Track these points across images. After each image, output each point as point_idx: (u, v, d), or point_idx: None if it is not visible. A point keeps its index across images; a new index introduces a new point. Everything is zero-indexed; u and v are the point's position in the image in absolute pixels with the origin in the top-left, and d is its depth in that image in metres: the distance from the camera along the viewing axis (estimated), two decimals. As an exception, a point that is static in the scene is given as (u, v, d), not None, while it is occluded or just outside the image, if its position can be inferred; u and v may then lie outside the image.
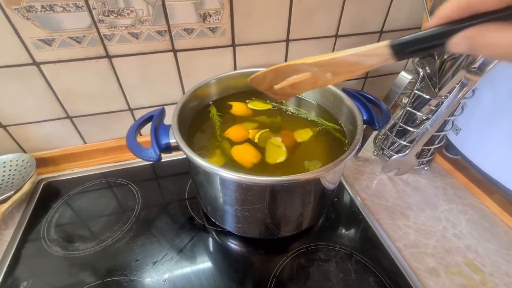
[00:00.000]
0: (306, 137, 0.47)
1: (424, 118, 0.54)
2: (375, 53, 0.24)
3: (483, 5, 0.13)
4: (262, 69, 0.29)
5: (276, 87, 0.28)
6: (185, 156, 0.38)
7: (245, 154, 0.43)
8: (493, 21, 0.13)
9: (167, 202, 0.54)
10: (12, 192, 0.50)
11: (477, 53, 0.15)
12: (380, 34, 0.63)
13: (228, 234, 0.48)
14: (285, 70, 0.26)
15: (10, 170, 0.54)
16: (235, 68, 0.59)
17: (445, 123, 0.55)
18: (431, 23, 0.18)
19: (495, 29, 0.13)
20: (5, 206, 0.49)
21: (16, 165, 0.55)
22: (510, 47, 0.12)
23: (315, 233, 0.49)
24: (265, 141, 0.46)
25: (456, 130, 0.57)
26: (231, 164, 0.42)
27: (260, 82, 0.29)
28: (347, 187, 0.57)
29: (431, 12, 0.46)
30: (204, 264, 0.45)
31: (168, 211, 0.52)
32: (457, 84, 0.43)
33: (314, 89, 0.38)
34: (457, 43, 0.16)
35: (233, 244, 0.48)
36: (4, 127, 0.53)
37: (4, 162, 0.55)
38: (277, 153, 0.44)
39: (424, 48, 0.21)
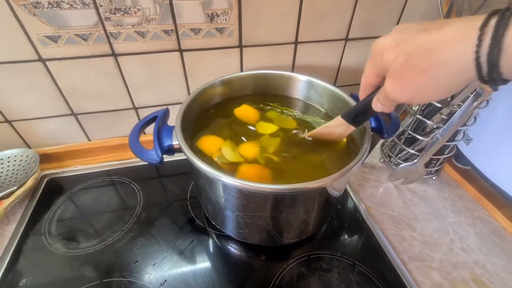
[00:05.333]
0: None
1: (435, 127, 0.52)
2: (338, 123, 0.37)
3: (375, 83, 0.30)
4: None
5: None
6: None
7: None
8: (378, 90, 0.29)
9: (168, 203, 0.54)
10: (15, 188, 0.50)
11: (385, 106, 0.29)
12: (392, 38, 0.61)
13: (229, 238, 0.48)
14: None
15: (14, 165, 0.54)
16: (241, 70, 0.58)
17: (456, 132, 0.53)
18: (361, 96, 0.33)
19: (379, 93, 0.29)
20: (8, 201, 0.49)
21: (20, 160, 0.55)
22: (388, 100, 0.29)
23: (317, 241, 0.48)
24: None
25: (467, 140, 0.55)
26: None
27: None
28: (351, 194, 0.56)
29: (446, 17, 0.44)
30: (203, 268, 0.44)
31: (169, 212, 0.52)
32: (471, 94, 0.42)
33: (325, 101, 0.52)
34: (374, 105, 0.30)
35: (234, 249, 0.47)
36: (9, 122, 0.53)
37: (8, 157, 0.55)
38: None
39: (362, 112, 0.34)
